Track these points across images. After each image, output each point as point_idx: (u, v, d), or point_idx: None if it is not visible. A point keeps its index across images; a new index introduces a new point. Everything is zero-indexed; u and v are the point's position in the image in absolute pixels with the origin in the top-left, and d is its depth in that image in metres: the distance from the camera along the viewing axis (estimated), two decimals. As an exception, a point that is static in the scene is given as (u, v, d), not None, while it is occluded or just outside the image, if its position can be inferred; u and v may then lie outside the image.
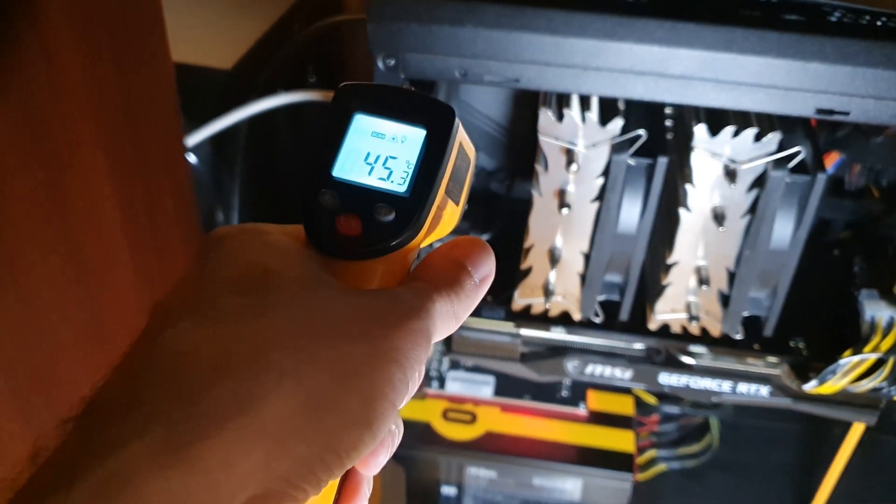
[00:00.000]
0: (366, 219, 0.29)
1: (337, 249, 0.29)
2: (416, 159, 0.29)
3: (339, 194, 0.29)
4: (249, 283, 0.27)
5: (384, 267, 0.29)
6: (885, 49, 0.55)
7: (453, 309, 0.29)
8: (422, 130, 0.29)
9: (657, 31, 0.55)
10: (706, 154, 0.63)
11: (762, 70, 0.56)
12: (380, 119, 0.30)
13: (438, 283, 0.29)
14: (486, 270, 0.31)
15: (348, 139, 0.30)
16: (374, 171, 0.29)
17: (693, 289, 0.71)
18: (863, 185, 0.85)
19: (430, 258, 0.31)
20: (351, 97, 0.30)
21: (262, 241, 0.29)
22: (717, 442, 0.98)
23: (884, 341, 0.72)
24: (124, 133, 0.63)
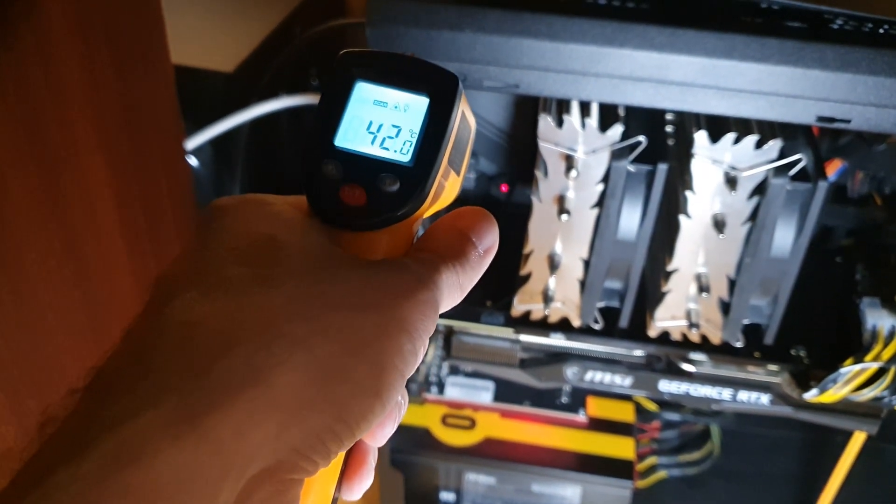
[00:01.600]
0: (370, 189, 0.28)
1: (341, 220, 0.29)
2: (419, 128, 0.29)
3: (342, 164, 0.29)
4: (255, 252, 0.26)
5: (389, 237, 0.29)
6: (886, 57, 0.54)
7: (458, 280, 0.29)
8: (425, 98, 0.29)
9: (657, 38, 0.55)
10: (707, 161, 0.63)
11: (763, 77, 0.55)
12: (382, 87, 0.29)
13: (444, 254, 0.29)
14: (490, 241, 0.30)
15: (350, 108, 0.29)
16: (377, 140, 0.29)
17: (693, 296, 0.70)
18: (866, 192, 0.85)
19: (434, 229, 0.30)
20: (352, 65, 0.30)
21: (265, 210, 0.28)
22: (718, 449, 0.97)
23: (885, 350, 0.72)
24: (123, 135, 0.63)
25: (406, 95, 0.29)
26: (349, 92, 0.29)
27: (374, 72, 0.29)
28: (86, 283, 0.61)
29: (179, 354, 0.24)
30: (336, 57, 0.30)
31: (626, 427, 0.88)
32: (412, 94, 0.29)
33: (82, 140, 0.59)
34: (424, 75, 0.29)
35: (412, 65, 0.30)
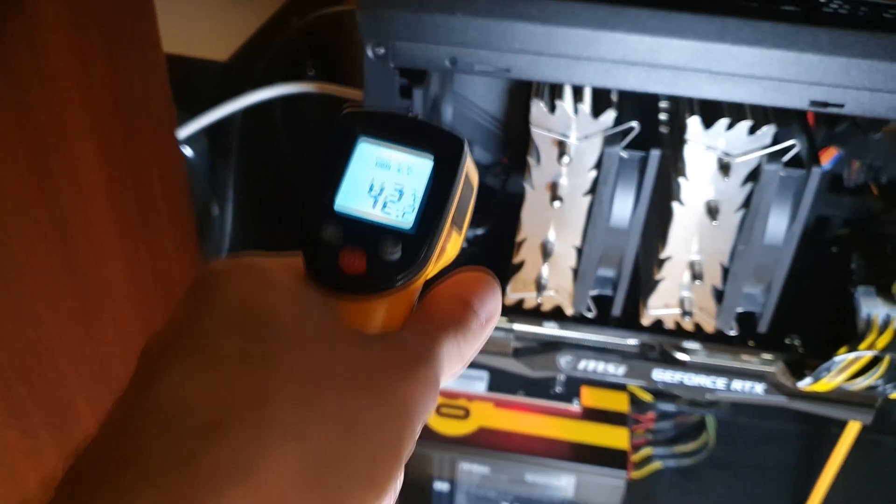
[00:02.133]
0: (371, 255, 0.28)
1: (340, 287, 0.27)
2: (423, 191, 0.28)
3: (342, 228, 0.28)
4: (249, 325, 0.25)
5: (388, 305, 0.28)
6: (880, 40, 0.54)
7: (460, 351, 0.28)
8: (429, 161, 0.28)
9: (649, 21, 0.54)
10: (700, 147, 0.63)
11: (755, 61, 0.55)
12: (385, 147, 0.28)
13: (444, 324, 0.28)
14: (493, 308, 0.29)
15: (351, 168, 0.28)
16: (378, 202, 0.28)
17: (687, 284, 0.70)
18: (862, 182, 0.84)
19: (434, 295, 0.29)
20: (354, 123, 0.29)
21: (258, 278, 0.27)
22: (714, 440, 0.97)
23: (880, 339, 0.71)
24: (114, 122, 0.63)
25: (410, 156, 0.28)
26: (351, 151, 0.29)
27: (378, 131, 0.29)
28: (76, 269, 0.61)
29: (164, 442, 0.23)
30: (338, 114, 0.29)
31: (620, 417, 0.88)
32: (416, 156, 0.28)
33: (72, 126, 0.58)
34: (429, 136, 0.28)
35: (416, 126, 0.29)
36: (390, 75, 0.59)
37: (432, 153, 0.28)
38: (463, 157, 0.28)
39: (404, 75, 0.62)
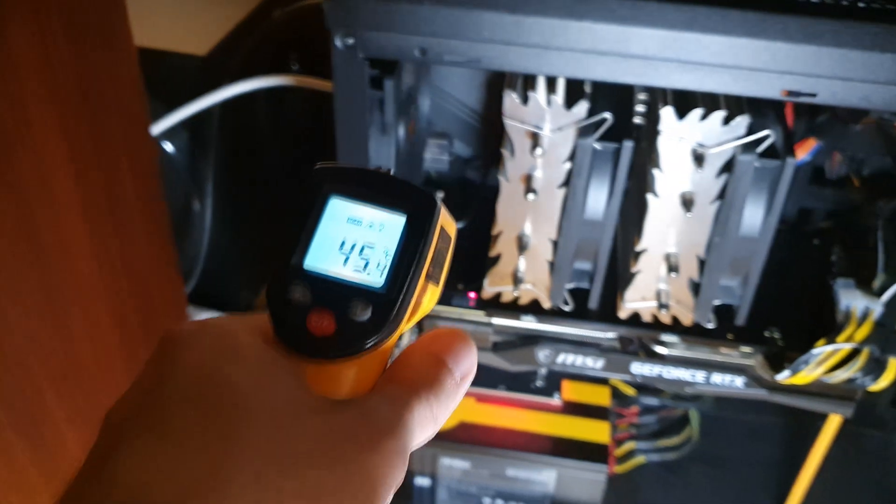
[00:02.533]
0: (340, 316, 0.27)
1: (307, 349, 0.27)
2: (394, 248, 0.27)
3: (310, 288, 0.27)
4: (209, 401, 0.24)
5: (359, 368, 0.27)
6: (852, 29, 0.53)
7: (433, 413, 0.27)
8: (402, 217, 0.28)
9: (618, 10, 0.54)
10: (673, 138, 0.62)
11: (725, 50, 0.54)
12: (357, 204, 0.28)
13: (416, 385, 0.27)
14: (468, 365, 0.29)
15: (322, 225, 0.28)
16: (349, 260, 0.27)
17: (663, 277, 0.69)
18: (844, 174, 0.84)
19: (408, 354, 0.29)
20: (326, 179, 0.28)
21: (224, 344, 0.26)
22: (697, 435, 0.96)
23: (858, 331, 0.71)
24: (82, 116, 0.62)
25: (382, 213, 0.28)
26: (322, 208, 0.28)
27: (349, 187, 0.28)
28: (43, 263, 0.60)
29: None
30: (312, 171, 0.28)
31: (601, 411, 0.88)
32: (388, 212, 0.28)
33: (38, 119, 0.58)
34: (401, 193, 0.28)
35: (389, 182, 0.28)
36: (359, 66, 0.59)
37: (404, 210, 0.28)
38: (436, 214, 0.28)
39: (375, 66, 0.61)
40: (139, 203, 0.72)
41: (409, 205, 0.28)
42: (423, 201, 0.28)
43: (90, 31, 0.61)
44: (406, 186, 0.28)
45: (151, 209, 0.74)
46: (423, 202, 0.28)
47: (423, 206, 0.28)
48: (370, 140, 0.64)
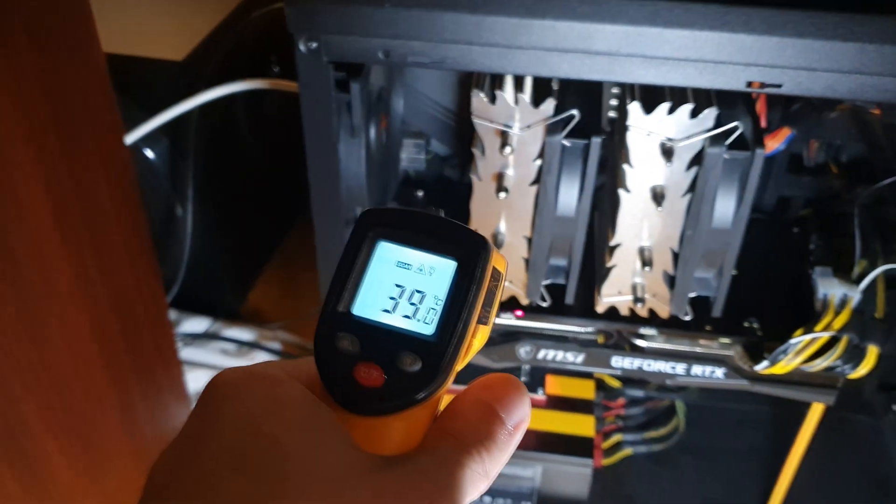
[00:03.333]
0: (388, 368, 0.26)
1: (355, 403, 0.26)
2: (445, 294, 0.26)
3: (358, 338, 0.26)
4: (256, 460, 0.24)
5: (408, 421, 0.26)
6: (813, 19, 0.53)
7: (485, 469, 0.26)
8: (452, 262, 0.27)
9: (579, 7, 0.54)
10: (642, 133, 0.62)
11: (689, 44, 0.54)
12: (406, 248, 0.27)
13: (468, 440, 0.26)
14: (521, 415, 0.27)
15: (371, 271, 0.27)
16: (398, 307, 0.27)
17: (638, 270, 0.70)
18: (822, 161, 0.84)
19: (457, 403, 0.27)
20: (374, 223, 0.27)
21: (271, 395, 0.25)
22: (684, 425, 0.96)
23: (836, 319, 0.71)
24: (51, 127, 0.62)
25: (431, 258, 0.27)
26: (370, 253, 0.27)
27: (398, 232, 0.27)
28: (15, 275, 0.60)
29: None
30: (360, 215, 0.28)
31: (586, 404, 0.88)
32: (438, 257, 0.27)
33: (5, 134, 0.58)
34: (451, 236, 0.27)
35: (438, 224, 0.27)
36: (324, 70, 0.59)
37: (454, 254, 0.27)
38: (486, 256, 0.27)
39: (341, 69, 0.61)
40: (116, 212, 0.72)
41: (460, 248, 0.27)
42: (473, 244, 0.27)
43: (56, 42, 0.61)
44: (456, 228, 0.27)
45: (129, 218, 0.74)
46: (474, 245, 0.27)
47: (474, 248, 0.27)
48: (340, 142, 0.64)
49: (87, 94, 0.67)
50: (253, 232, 1.15)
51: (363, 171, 0.65)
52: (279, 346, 1.04)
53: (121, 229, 0.73)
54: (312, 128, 0.62)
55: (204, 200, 0.99)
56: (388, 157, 0.78)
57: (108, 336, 0.73)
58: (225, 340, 1.03)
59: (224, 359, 1.01)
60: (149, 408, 0.81)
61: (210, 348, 1.01)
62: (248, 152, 1.09)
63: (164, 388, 0.84)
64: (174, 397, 0.86)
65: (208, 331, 1.03)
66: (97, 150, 0.69)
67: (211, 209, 1.00)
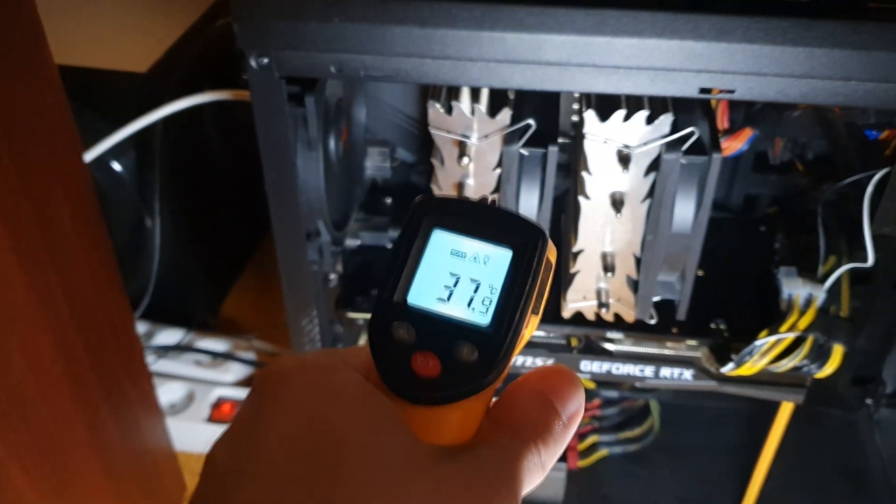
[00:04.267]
0: (445, 358, 0.25)
1: (412, 392, 0.26)
2: (500, 284, 0.26)
3: (414, 327, 0.26)
4: (316, 449, 0.23)
5: (464, 412, 0.26)
6: (761, 24, 0.53)
7: (541, 461, 0.26)
8: (508, 251, 0.26)
9: (527, 18, 0.53)
10: (599, 140, 0.62)
11: (638, 52, 0.54)
12: (461, 237, 0.27)
13: (525, 432, 0.26)
14: (575, 407, 0.27)
15: (425, 259, 0.27)
16: (453, 296, 0.26)
17: (602, 276, 0.70)
18: (787, 159, 0.84)
19: (514, 393, 0.27)
20: (429, 211, 0.27)
21: (327, 383, 0.25)
22: (659, 425, 0.97)
23: (801, 320, 0.71)
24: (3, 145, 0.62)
25: (487, 246, 0.27)
26: (425, 241, 0.27)
27: (453, 220, 0.27)
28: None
29: None
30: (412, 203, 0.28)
31: (558, 409, 0.88)
32: (493, 246, 0.27)
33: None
34: (506, 225, 0.27)
35: (493, 213, 0.27)
36: (276, 85, 0.58)
37: (510, 243, 0.26)
38: (544, 247, 0.26)
39: (296, 82, 0.61)
40: (77, 231, 0.71)
41: (515, 237, 0.27)
42: (529, 233, 0.27)
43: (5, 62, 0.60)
44: (511, 217, 0.27)
45: (91, 235, 0.73)
46: (530, 234, 0.27)
47: (530, 238, 0.26)
48: (297, 156, 0.63)
49: (42, 112, 0.66)
50: (225, 242, 1.15)
51: (322, 184, 0.65)
52: (254, 357, 1.03)
53: (83, 247, 0.72)
54: (268, 143, 0.61)
55: (173, 211, 0.98)
56: (352, 166, 0.78)
57: (74, 355, 0.72)
58: (198, 352, 1.02)
59: (198, 370, 1.00)
60: (118, 424, 0.81)
61: (183, 360, 1.01)
62: (218, 162, 1.08)
63: (133, 404, 0.84)
64: (144, 411, 0.86)
65: (181, 342, 1.03)
66: (55, 169, 0.68)
67: (181, 220, 1.00)
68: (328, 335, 0.76)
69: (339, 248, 0.75)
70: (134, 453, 0.84)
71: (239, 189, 1.11)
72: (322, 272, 0.72)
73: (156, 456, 0.91)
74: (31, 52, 0.64)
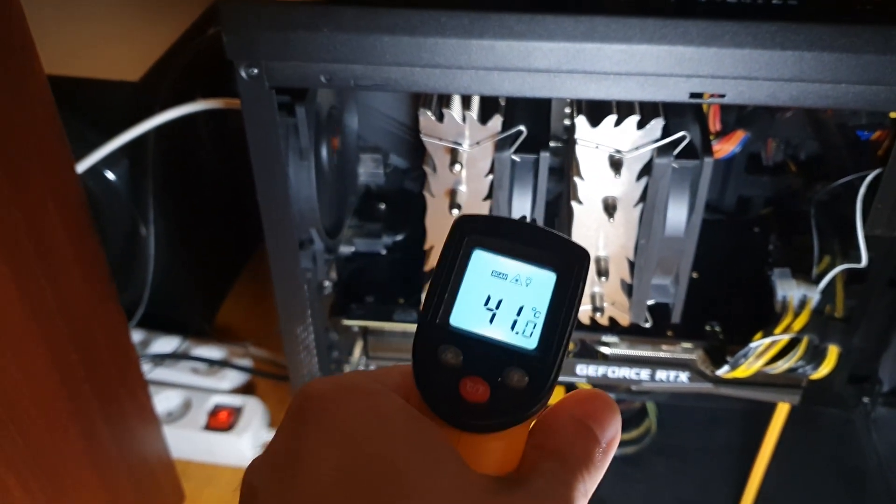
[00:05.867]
0: (494, 383, 0.25)
1: (459, 418, 0.25)
2: (544, 307, 0.25)
3: (461, 350, 0.25)
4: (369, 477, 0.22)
5: (510, 439, 0.25)
6: (750, 29, 0.53)
7: (585, 489, 0.25)
8: (550, 273, 0.26)
9: (516, 26, 0.53)
10: (590, 145, 0.62)
11: (628, 58, 0.54)
12: (502, 257, 0.26)
13: (570, 460, 0.25)
14: (613, 433, 0.27)
15: (467, 280, 0.26)
16: (496, 318, 0.26)
17: (596, 280, 0.70)
18: (780, 160, 0.84)
19: (552, 420, 0.26)
20: (470, 231, 0.26)
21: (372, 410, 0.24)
22: (655, 426, 0.97)
23: (796, 321, 0.71)
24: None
25: (529, 268, 0.26)
26: (466, 262, 0.26)
27: (494, 240, 0.26)
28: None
29: None
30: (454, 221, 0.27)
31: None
32: (535, 267, 0.26)
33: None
34: (548, 245, 0.26)
35: (535, 233, 0.26)
36: (266, 95, 0.58)
37: (553, 265, 0.26)
38: (587, 269, 0.26)
39: (286, 92, 0.61)
40: (70, 242, 0.71)
41: (559, 259, 0.26)
42: (573, 255, 0.26)
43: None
44: (553, 238, 0.26)
45: (84, 246, 0.73)
46: (574, 256, 0.26)
47: (573, 260, 0.26)
48: (289, 165, 0.63)
49: (33, 125, 0.66)
50: (220, 249, 1.15)
51: (314, 193, 0.65)
52: (250, 363, 1.03)
53: (76, 259, 0.72)
54: (259, 152, 0.61)
55: (168, 220, 0.98)
56: (344, 173, 0.78)
57: (68, 366, 0.72)
58: (194, 360, 1.02)
59: (194, 378, 1.00)
60: (115, 434, 0.80)
61: (179, 368, 1.01)
62: (211, 170, 1.08)
63: (129, 414, 0.84)
64: (141, 420, 0.86)
65: (177, 350, 1.02)
66: (46, 181, 0.68)
67: (175, 228, 1.00)
68: (323, 343, 0.76)
69: (332, 256, 0.75)
70: (131, 462, 0.84)
71: (233, 196, 1.11)
72: (316, 280, 0.72)
73: (153, 465, 0.90)
74: (21, 65, 0.64)
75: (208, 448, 0.95)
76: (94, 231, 0.75)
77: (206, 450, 0.95)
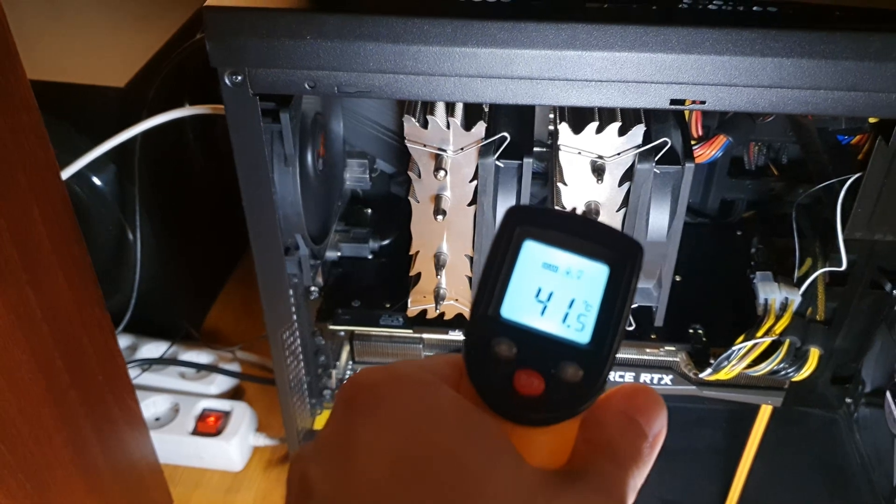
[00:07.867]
0: (548, 377, 0.25)
1: (513, 411, 0.24)
2: (597, 300, 0.25)
3: (515, 343, 0.25)
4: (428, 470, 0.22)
5: (562, 433, 0.25)
6: (730, 36, 0.54)
7: (635, 484, 0.25)
8: (604, 267, 0.25)
9: (499, 34, 0.54)
10: (573, 152, 0.62)
11: (609, 66, 0.55)
12: (554, 249, 0.26)
13: (622, 455, 0.25)
14: (659, 427, 0.27)
15: (517, 271, 0.26)
16: (547, 311, 0.25)
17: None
18: (763, 163, 0.85)
19: (601, 414, 0.26)
20: (520, 222, 0.26)
21: (426, 401, 0.24)
22: (642, 428, 0.97)
23: (777, 324, 0.72)
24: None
25: (581, 261, 0.25)
26: (517, 253, 0.26)
27: (545, 231, 0.26)
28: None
29: None
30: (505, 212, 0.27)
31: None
32: (587, 260, 0.25)
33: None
34: (601, 238, 0.26)
35: (588, 226, 0.26)
36: (250, 102, 0.58)
37: (605, 258, 0.25)
38: (640, 263, 0.25)
39: (270, 98, 0.61)
40: (55, 248, 0.71)
41: (612, 253, 0.25)
42: (626, 249, 0.25)
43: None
44: (605, 231, 0.26)
45: (69, 253, 0.73)
46: (628, 250, 0.25)
47: (629, 254, 0.25)
48: (274, 171, 0.64)
49: (17, 131, 0.66)
50: (207, 254, 1.15)
51: (299, 199, 0.65)
52: (238, 368, 1.04)
53: (61, 266, 0.72)
54: (244, 159, 0.62)
55: (154, 225, 0.98)
56: (330, 179, 0.79)
57: (54, 374, 0.72)
58: (182, 364, 1.02)
59: (182, 383, 1.00)
60: (102, 440, 0.80)
61: (167, 372, 1.01)
62: (198, 175, 1.08)
63: (117, 419, 0.84)
64: (128, 426, 0.86)
65: (165, 355, 1.02)
66: (31, 188, 0.68)
67: (162, 233, 1.00)
68: (310, 348, 0.76)
69: (318, 261, 0.76)
70: (118, 469, 0.84)
71: (220, 201, 1.11)
72: (302, 285, 0.72)
73: (141, 470, 0.90)
74: (3, 71, 0.64)
75: (196, 453, 0.95)
76: (81, 237, 0.75)
77: (194, 454, 0.95)
